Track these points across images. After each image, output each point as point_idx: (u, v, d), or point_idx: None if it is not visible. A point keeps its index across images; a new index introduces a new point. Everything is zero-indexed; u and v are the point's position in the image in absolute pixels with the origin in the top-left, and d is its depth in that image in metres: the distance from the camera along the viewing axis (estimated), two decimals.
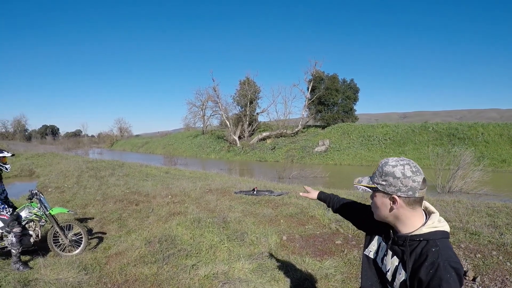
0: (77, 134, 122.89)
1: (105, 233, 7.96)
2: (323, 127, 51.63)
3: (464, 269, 4.96)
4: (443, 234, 2.04)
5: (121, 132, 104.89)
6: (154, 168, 21.91)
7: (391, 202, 2.05)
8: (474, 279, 4.78)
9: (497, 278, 4.75)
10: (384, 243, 2.28)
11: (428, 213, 2.16)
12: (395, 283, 2.10)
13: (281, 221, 7.85)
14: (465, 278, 4.81)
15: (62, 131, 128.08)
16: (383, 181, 2.05)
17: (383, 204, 2.08)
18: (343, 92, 52.64)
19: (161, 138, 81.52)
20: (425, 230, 2.03)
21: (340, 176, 25.80)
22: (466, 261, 5.31)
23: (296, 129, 53.11)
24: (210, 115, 67.48)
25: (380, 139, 41.54)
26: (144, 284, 5.24)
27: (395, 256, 2.14)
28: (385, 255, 2.23)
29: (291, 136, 51.82)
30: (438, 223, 2.06)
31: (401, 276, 2.05)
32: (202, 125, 68.62)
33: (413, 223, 2.07)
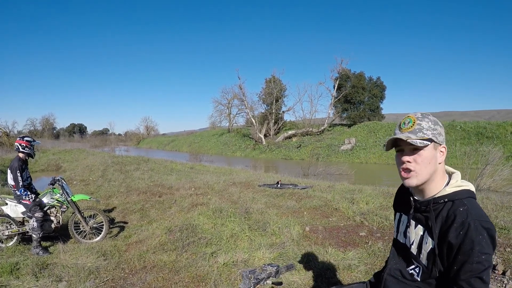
0: (104, 132, 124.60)
1: (126, 223, 7.96)
2: (349, 126, 51.19)
3: (494, 262, 4.76)
4: (469, 193, 1.90)
5: (147, 130, 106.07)
6: (179, 164, 22.01)
7: (441, 153, 1.93)
8: (504, 273, 4.57)
9: None
10: (404, 215, 2.16)
11: (448, 174, 2.03)
12: (421, 256, 1.95)
13: (305, 213, 7.72)
14: (495, 272, 4.61)
15: (89, 130, 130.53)
16: (433, 130, 1.89)
17: (433, 158, 1.91)
18: (370, 90, 52.13)
19: (187, 136, 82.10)
20: (449, 190, 1.90)
21: (366, 174, 25.55)
22: (495, 255, 5.10)
23: (322, 128, 52.86)
24: (236, 114, 67.55)
25: None
26: (162, 270, 5.19)
27: (419, 225, 2.00)
28: (407, 227, 2.09)
29: (317, 134, 51.57)
30: (462, 182, 1.93)
31: (428, 245, 1.90)
32: (227, 124, 68.77)
33: (438, 182, 1.94)
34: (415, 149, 1.88)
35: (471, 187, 1.94)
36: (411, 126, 1.89)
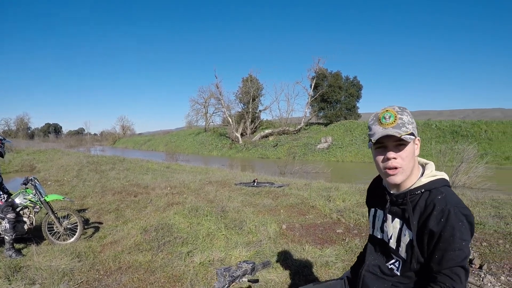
0: (79, 132, 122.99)
1: (101, 223, 7.85)
2: (326, 125, 51.63)
3: (470, 257, 4.81)
4: (444, 182, 1.91)
5: (123, 130, 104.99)
6: (155, 163, 21.86)
7: (416, 146, 1.93)
8: (480, 267, 4.63)
9: (505, 266, 4.60)
10: (380, 210, 2.14)
11: (422, 165, 2.04)
12: (400, 249, 1.95)
13: (281, 211, 7.72)
14: (472, 266, 4.67)
15: (64, 130, 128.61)
16: (412, 124, 1.88)
17: (414, 152, 1.90)
18: (346, 90, 52.60)
19: (163, 135, 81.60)
20: (424, 180, 1.90)
21: (342, 172, 25.73)
22: (472, 249, 5.17)
23: (299, 127, 53.07)
24: (213, 113, 67.56)
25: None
26: (137, 271, 5.11)
27: (396, 219, 1.99)
28: (384, 221, 2.07)
29: (294, 133, 51.76)
30: (436, 172, 1.94)
31: (407, 237, 1.90)
32: (204, 123, 68.66)
33: (414, 174, 1.93)
34: (400, 145, 1.86)
35: (446, 176, 1.95)
36: (394, 121, 1.84)
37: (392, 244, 2.00)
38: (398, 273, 1.97)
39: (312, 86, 54.18)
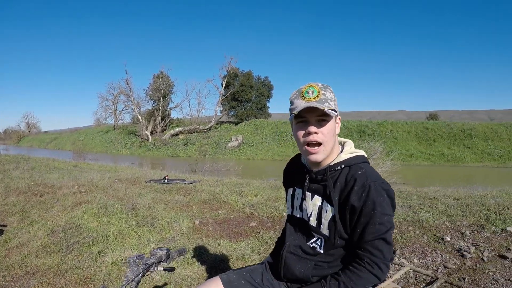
0: None
1: (5, 226, 7.40)
2: (236, 123, 52.12)
3: None
4: (364, 159, 1.96)
5: (28, 127, 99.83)
6: (62, 162, 20.97)
7: (337, 125, 1.94)
8: (394, 252, 4.90)
9: (417, 250, 4.95)
10: (299, 189, 2.12)
11: (340, 144, 2.06)
12: (322, 226, 1.94)
13: (194, 207, 7.70)
14: None
15: None
16: (334, 101, 1.88)
17: (334, 129, 1.90)
18: (257, 89, 53.36)
19: (70, 134, 78.30)
20: (344, 156, 1.93)
21: (253, 169, 26.13)
22: None
23: (209, 125, 53.22)
24: (122, 110, 65.81)
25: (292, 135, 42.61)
26: (46, 274, 4.87)
27: (316, 196, 1.98)
28: (303, 199, 2.05)
29: (204, 132, 51.84)
30: (355, 149, 1.99)
31: (328, 213, 1.90)
32: (113, 120, 66.68)
33: (334, 152, 1.94)
34: (322, 121, 1.83)
35: (364, 154, 1.99)
36: (317, 96, 1.81)
37: (313, 222, 1.98)
38: (321, 251, 1.95)
39: (224, 85, 54.49)
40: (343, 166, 1.91)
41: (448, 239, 5.24)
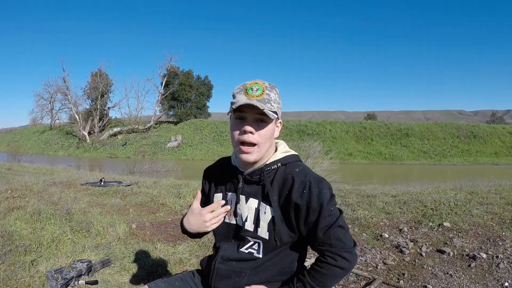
0: None
1: None
2: (176, 123, 51.81)
3: None
4: (297, 158, 1.94)
5: None
6: None
7: (277, 128, 1.89)
8: None
9: (357, 247, 4.98)
10: (231, 193, 1.98)
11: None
12: (259, 229, 1.83)
13: (130, 210, 7.47)
14: None
15: None
16: (278, 104, 1.81)
17: (273, 132, 1.84)
18: (197, 89, 53.18)
19: (5, 134, 74.85)
20: (279, 155, 1.88)
21: (193, 170, 25.88)
22: None
23: (148, 125, 52.54)
24: (59, 109, 63.45)
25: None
26: None
27: (251, 198, 1.88)
28: (237, 204, 1.92)
29: (143, 132, 51.13)
30: (289, 149, 1.95)
31: (267, 215, 1.81)
32: (50, 120, 64.49)
33: (268, 153, 1.87)
34: (261, 121, 1.76)
35: (296, 153, 1.96)
36: (261, 94, 1.73)
37: (249, 226, 1.87)
38: (260, 255, 1.85)
39: (163, 84, 53.99)
40: (279, 164, 1.85)
41: (387, 235, 5.32)
